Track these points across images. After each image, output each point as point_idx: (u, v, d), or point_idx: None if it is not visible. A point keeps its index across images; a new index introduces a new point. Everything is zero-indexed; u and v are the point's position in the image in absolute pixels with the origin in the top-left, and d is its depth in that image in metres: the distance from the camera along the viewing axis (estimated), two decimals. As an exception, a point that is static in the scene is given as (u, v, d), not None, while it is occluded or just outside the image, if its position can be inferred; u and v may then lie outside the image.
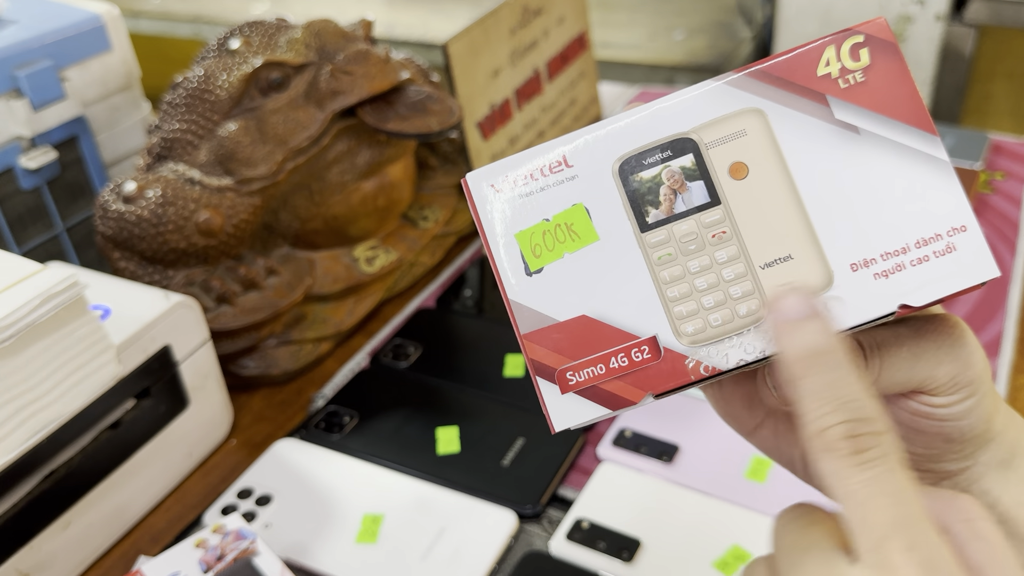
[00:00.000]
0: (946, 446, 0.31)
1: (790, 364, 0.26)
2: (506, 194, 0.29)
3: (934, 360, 0.29)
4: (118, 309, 0.58)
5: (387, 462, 0.62)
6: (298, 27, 0.73)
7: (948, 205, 0.28)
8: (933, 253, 0.28)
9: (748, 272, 0.28)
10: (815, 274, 0.28)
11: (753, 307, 0.28)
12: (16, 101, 0.72)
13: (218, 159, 0.70)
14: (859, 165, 0.28)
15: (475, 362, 0.72)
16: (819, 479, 0.26)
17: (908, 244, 0.28)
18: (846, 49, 0.28)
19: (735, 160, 0.28)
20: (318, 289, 0.75)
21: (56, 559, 0.55)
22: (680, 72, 1.63)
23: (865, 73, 0.28)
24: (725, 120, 0.28)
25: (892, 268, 0.28)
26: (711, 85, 0.29)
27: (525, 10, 0.92)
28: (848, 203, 0.28)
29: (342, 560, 0.55)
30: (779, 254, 0.28)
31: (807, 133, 0.28)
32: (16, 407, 0.48)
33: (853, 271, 0.28)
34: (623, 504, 0.57)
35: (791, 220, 0.28)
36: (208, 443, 0.65)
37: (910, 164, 0.28)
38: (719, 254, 0.28)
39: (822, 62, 0.28)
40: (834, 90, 0.28)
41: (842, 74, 0.28)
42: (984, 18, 1.55)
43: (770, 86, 0.28)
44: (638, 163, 0.29)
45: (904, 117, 0.28)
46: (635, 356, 0.28)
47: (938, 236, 0.28)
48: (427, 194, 0.86)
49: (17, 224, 0.75)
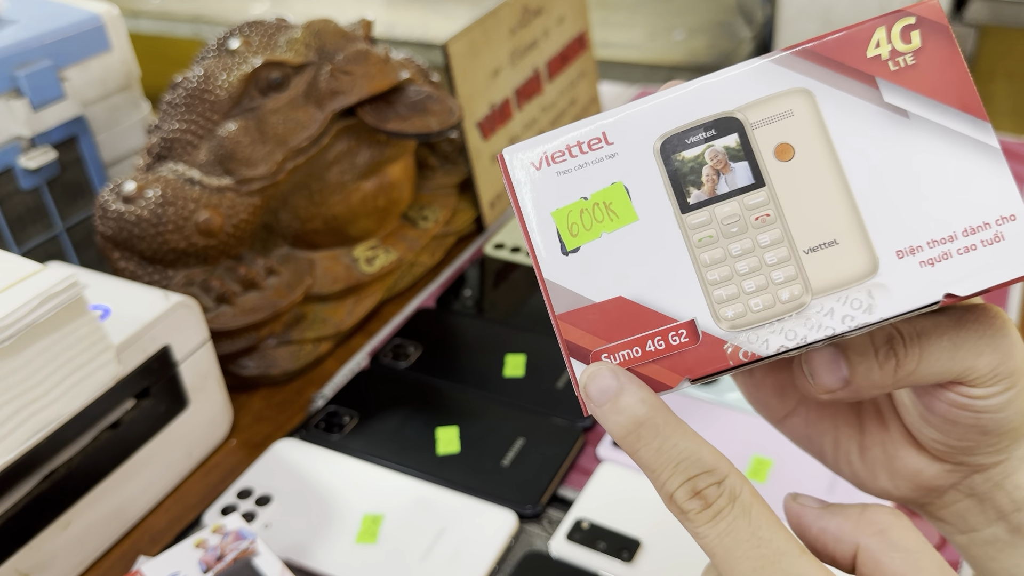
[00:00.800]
0: (982, 439, 0.30)
1: (621, 443, 0.27)
2: (543, 171, 0.28)
3: (975, 351, 0.29)
4: (118, 309, 0.58)
5: (387, 462, 0.62)
6: (298, 27, 0.73)
7: (997, 193, 0.27)
8: (981, 242, 0.27)
9: (791, 256, 0.27)
10: (860, 260, 0.27)
11: (796, 292, 0.27)
12: (16, 101, 0.72)
13: (218, 159, 0.70)
14: (908, 150, 0.27)
15: (475, 362, 0.72)
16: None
17: (955, 232, 0.27)
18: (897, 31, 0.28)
19: (781, 141, 0.27)
20: (318, 289, 0.75)
21: (56, 559, 0.55)
22: (680, 72, 1.63)
23: (916, 56, 0.27)
24: (771, 100, 0.28)
25: (938, 256, 0.27)
26: (757, 63, 0.28)
27: (525, 10, 0.92)
28: (895, 189, 0.27)
29: (342, 560, 0.55)
30: (824, 239, 0.27)
31: (855, 115, 0.27)
32: (16, 407, 0.48)
33: (899, 258, 0.27)
34: (623, 504, 0.57)
35: (837, 204, 0.27)
36: (208, 443, 0.65)
37: (959, 150, 0.27)
38: (762, 237, 0.27)
39: (872, 43, 0.27)
40: (884, 72, 0.27)
41: (892, 56, 0.27)
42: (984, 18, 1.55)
43: (818, 66, 0.28)
44: (680, 142, 0.28)
45: (954, 102, 0.27)
46: (672, 340, 0.28)
47: (986, 225, 0.27)
48: (427, 194, 0.86)
49: (17, 224, 0.75)
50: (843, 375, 0.29)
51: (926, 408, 0.31)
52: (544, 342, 0.73)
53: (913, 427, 0.32)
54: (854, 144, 0.27)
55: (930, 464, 0.32)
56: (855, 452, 0.34)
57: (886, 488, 0.34)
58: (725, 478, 0.26)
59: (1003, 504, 0.32)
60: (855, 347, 0.29)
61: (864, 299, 0.27)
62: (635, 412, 0.26)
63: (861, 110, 0.27)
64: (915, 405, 0.32)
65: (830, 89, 0.27)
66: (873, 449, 0.34)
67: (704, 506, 0.25)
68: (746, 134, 0.28)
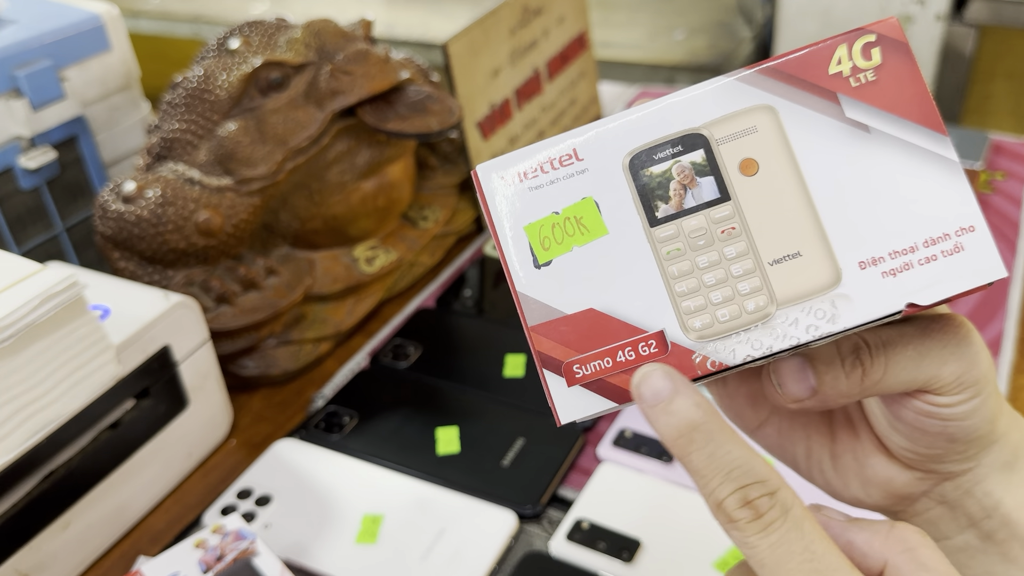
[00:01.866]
0: (950, 446, 0.31)
1: (670, 446, 0.26)
2: (515, 186, 0.29)
3: (939, 359, 0.29)
4: (118, 309, 0.58)
5: (387, 462, 0.62)
6: (298, 27, 0.73)
7: (957, 205, 0.28)
8: (941, 252, 0.27)
9: (757, 268, 0.28)
10: (823, 271, 0.28)
11: (761, 303, 0.28)
12: (16, 101, 0.72)
13: (218, 159, 0.70)
14: (869, 164, 0.28)
15: (475, 362, 0.72)
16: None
17: (916, 243, 0.28)
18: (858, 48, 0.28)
19: (745, 156, 0.28)
20: (318, 289, 0.75)
21: (56, 559, 0.55)
22: (680, 72, 1.63)
23: (876, 72, 0.28)
24: (736, 116, 0.28)
25: (900, 267, 0.28)
26: (722, 81, 0.29)
27: (525, 10, 0.92)
28: (857, 201, 0.28)
29: (342, 560, 0.55)
30: (788, 251, 0.28)
31: (818, 131, 0.28)
32: (16, 407, 0.48)
33: (861, 269, 0.28)
34: (623, 504, 0.57)
35: (800, 217, 0.28)
36: (208, 443, 0.65)
37: (920, 164, 0.28)
38: (728, 250, 0.28)
39: (834, 60, 0.28)
40: (845, 88, 0.28)
41: (853, 73, 0.28)
42: (984, 18, 1.55)
43: (781, 83, 0.28)
44: (648, 158, 0.29)
45: (914, 117, 0.28)
46: (642, 350, 0.28)
47: (946, 236, 0.27)
48: (427, 194, 0.86)
49: (17, 224, 0.75)
50: (810, 384, 0.30)
51: (894, 416, 0.31)
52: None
53: (883, 435, 0.33)
54: (817, 159, 0.28)
55: (901, 472, 0.33)
56: (827, 460, 0.34)
57: (858, 496, 0.34)
58: (777, 490, 0.25)
59: (973, 511, 0.32)
60: (822, 357, 0.30)
61: (828, 309, 0.28)
62: (690, 415, 0.26)
63: (823, 126, 0.28)
64: (884, 414, 0.32)
65: (793, 105, 0.28)
66: (844, 457, 0.34)
67: (755, 516, 0.25)
68: (712, 150, 0.28)
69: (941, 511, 0.33)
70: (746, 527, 0.25)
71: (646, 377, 0.27)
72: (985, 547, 0.32)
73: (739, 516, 0.25)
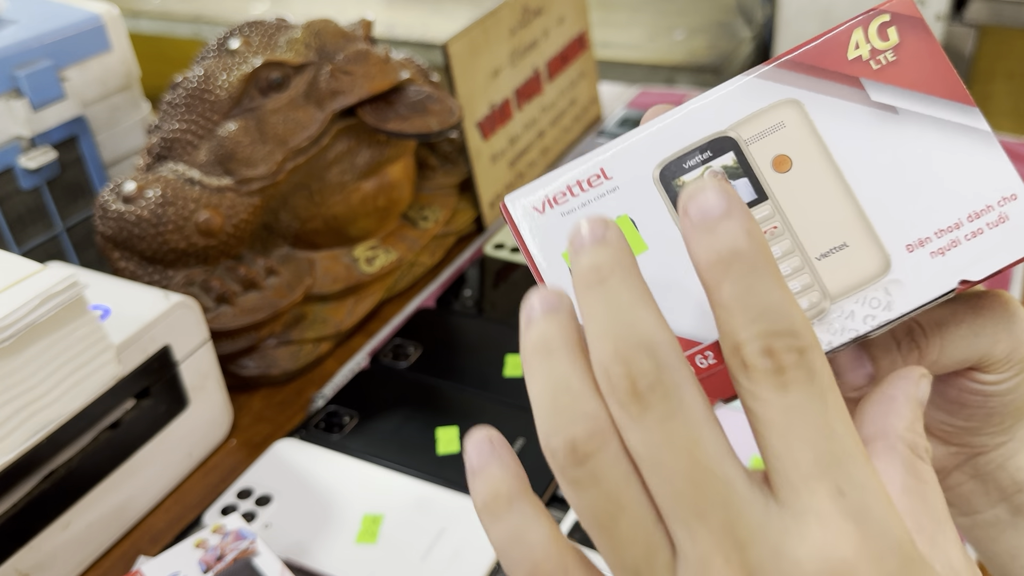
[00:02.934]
0: (987, 419, 0.31)
1: (702, 273, 0.22)
2: (547, 214, 0.28)
3: (992, 337, 0.29)
4: (118, 309, 0.58)
5: (387, 462, 0.62)
6: (298, 27, 0.73)
7: (995, 175, 0.27)
8: (986, 225, 0.27)
9: (805, 265, 0.27)
10: (872, 259, 0.27)
11: (814, 300, 0.27)
12: (16, 101, 0.72)
13: (218, 159, 0.70)
14: (901, 145, 0.27)
15: (475, 362, 0.72)
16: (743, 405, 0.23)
17: (960, 219, 0.27)
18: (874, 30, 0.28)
19: (777, 153, 0.28)
20: (318, 289, 0.75)
21: (56, 559, 0.55)
22: (680, 72, 1.63)
23: (896, 52, 0.28)
24: (761, 114, 0.28)
25: (947, 245, 0.27)
26: (742, 80, 0.28)
27: (525, 10, 0.92)
28: (895, 184, 0.27)
29: (342, 560, 0.55)
30: (833, 243, 0.27)
31: (846, 118, 0.28)
32: (16, 407, 0.48)
33: (909, 252, 0.27)
34: (623, 504, 0.57)
35: (841, 208, 0.27)
36: (208, 443, 0.65)
37: (953, 138, 0.27)
38: (773, 250, 0.27)
39: (851, 45, 0.28)
40: (867, 72, 0.28)
41: (873, 55, 0.28)
42: (984, 18, 1.55)
43: (802, 75, 0.28)
44: (679, 167, 0.28)
45: (940, 92, 0.27)
46: (700, 363, 0.27)
47: (989, 208, 0.27)
48: (427, 194, 0.86)
49: (17, 224, 0.75)
50: (868, 371, 0.29)
51: (935, 393, 0.31)
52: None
53: None
54: (849, 146, 0.28)
55: (935, 446, 0.33)
56: None
57: None
58: (808, 349, 0.21)
59: (1006, 485, 0.32)
60: (877, 343, 0.29)
61: (882, 297, 0.27)
62: (736, 241, 0.21)
63: (851, 113, 0.28)
64: None
65: (817, 96, 0.28)
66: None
67: (776, 369, 0.21)
68: (742, 151, 0.28)
69: (973, 485, 0.33)
70: (760, 379, 0.21)
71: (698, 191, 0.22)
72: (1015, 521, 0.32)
73: (757, 364, 0.21)
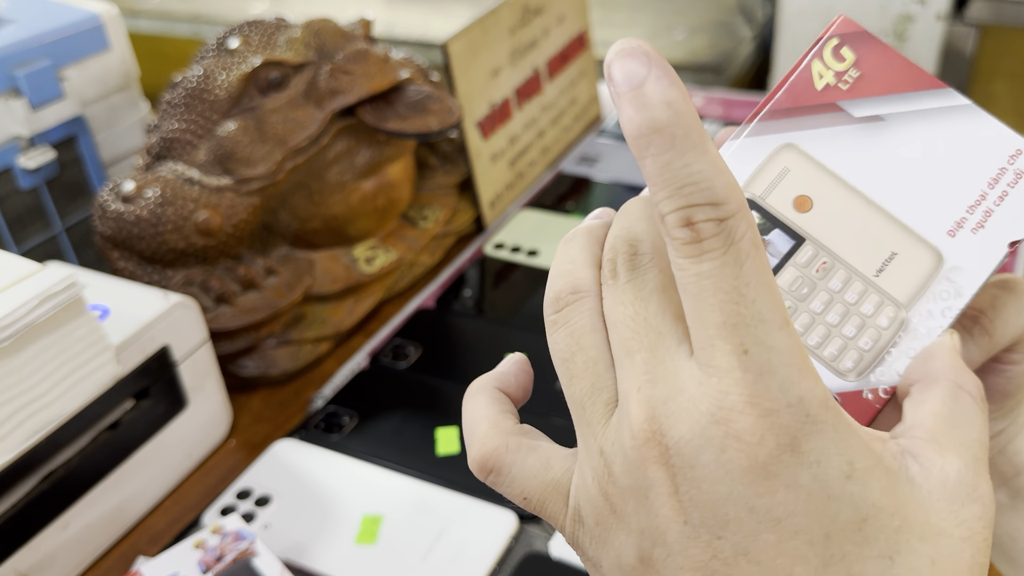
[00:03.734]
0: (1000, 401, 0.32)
1: (630, 145, 0.23)
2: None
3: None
4: (117, 309, 0.58)
5: (387, 462, 0.62)
6: (297, 26, 0.73)
7: (994, 140, 0.29)
8: (1008, 185, 0.28)
9: (868, 286, 0.28)
10: (924, 256, 0.28)
11: (891, 314, 0.28)
12: (15, 100, 0.72)
13: (217, 159, 0.70)
14: (900, 145, 0.29)
15: (475, 362, 0.72)
16: None
17: (983, 190, 0.28)
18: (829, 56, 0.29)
19: (795, 196, 0.29)
20: (317, 289, 0.75)
21: (55, 560, 0.54)
22: (680, 72, 1.63)
23: (857, 67, 0.29)
24: (763, 168, 0.29)
25: (983, 217, 0.28)
26: (733, 146, 0.29)
27: (525, 9, 0.92)
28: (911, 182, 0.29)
29: (342, 561, 0.55)
30: (883, 256, 0.28)
31: (840, 141, 0.29)
32: (15, 407, 0.48)
33: (952, 237, 0.28)
34: (623, 505, 0.57)
35: (875, 222, 0.28)
36: (207, 443, 0.65)
37: (941, 122, 0.29)
38: (833, 284, 0.28)
39: (815, 77, 0.29)
40: (840, 95, 0.29)
41: (838, 78, 0.29)
42: (985, 17, 1.55)
43: (784, 120, 0.29)
44: None
45: (911, 86, 0.29)
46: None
47: (1003, 170, 0.28)
48: (427, 194, 0.86)
49: (16, 224, 0.75)
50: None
51: None
52: (544, 342, 0.72)
53: None
54: (855, 165, 0.29)
55: None
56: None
57: None
58: (729, 217, 0.22)
59: (1004, 469, 0.32)
60: None
61: (948, 287, 0.28)
62: (654, 114, 0.22)
63: (842, 135, 0.29)
64: None
65: (806, 132, 0.29)
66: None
67: (693, 239, 0.22)
68: (761, 207, 0.29)
69: None
70: (680, 248, 0.22)
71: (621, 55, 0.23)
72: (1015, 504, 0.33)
73: (677, 235, 0.22)
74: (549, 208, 0.92)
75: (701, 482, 0.22)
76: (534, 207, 0.92)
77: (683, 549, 0.23)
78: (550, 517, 0.27)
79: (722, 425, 0.22)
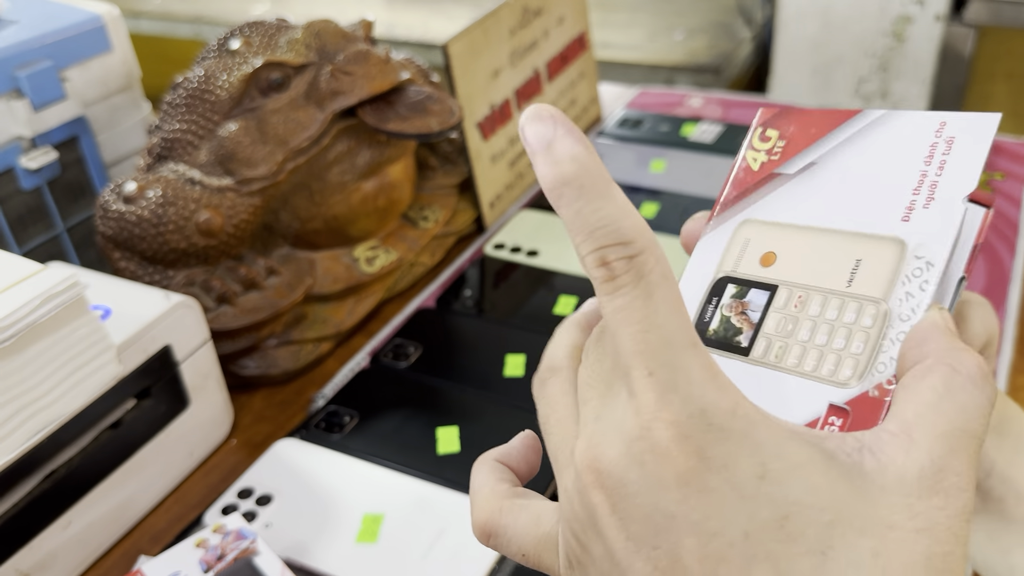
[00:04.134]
0: None
1: (547, 194, 0.26)
2: None
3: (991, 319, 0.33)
4: (118, 309, 0.58)
5: (387, 462, 0.63)
6: (298, 27, 0.73)
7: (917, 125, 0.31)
8: (943, 155, 0.30)
9: (844, 298, 0.29)
10: (887, 250, 0.29)
11: (872, 311, 0.29)
12: (16, 101, 0.72)
13: (218, 159, 0.70)
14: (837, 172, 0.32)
15: (475, 362, 0.72)
16: None
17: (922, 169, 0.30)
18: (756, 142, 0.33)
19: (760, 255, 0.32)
20: (318, 289, 0.75)
21: (56, 559, 0.55)
22: (680, 72, 1.63)
23: (782, 138, 0.33)
24: (729, 247, 0.32)
25: (930, 191, 0.30)
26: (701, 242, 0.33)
27: (525, 10, 0.92)
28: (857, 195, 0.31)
29: (342, 560, 0.55)
30: (850, 267, 0.30)
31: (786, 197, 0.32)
32: (16, 407, 0.48)
33: (907, 221, 0.30)
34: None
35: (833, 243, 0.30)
36: (208, 443, 0.65)
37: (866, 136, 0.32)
38: (812, 310, 0.30)
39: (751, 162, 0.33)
40: (775, 164, 0.33)
41: (769, 154, 0.33)
42: (984, 18, 1.55)
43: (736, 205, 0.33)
44: (703, 325, 0.31)
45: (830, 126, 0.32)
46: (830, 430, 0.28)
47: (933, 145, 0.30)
48: (427, 194, 0.86)
49: (17, 224, 0.75)
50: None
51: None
52: (544, 342, 0.73)
53: None
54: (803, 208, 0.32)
55: None
56: None
57: None
58: (638, 254, 0.24)
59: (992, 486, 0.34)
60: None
61: (918, 264, 0.29)
62: (563, 169, 0.25)
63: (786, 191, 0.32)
64: None
65: (756, 205, 0.33)
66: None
67: (609, 277, 0.25)
68: (735, 278, 0.32)
69: None
70: (600, 286, 0.25)
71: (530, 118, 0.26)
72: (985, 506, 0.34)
73: (595, 274, 0.25)
74: (549, 209, 0.92)
75: (633, 497, 0.24)
76: (534, 208, 0.93)
77: (630, 565, 0.24)
78: (548, 569, 0.28)
79: (641, 442, 0.24)
